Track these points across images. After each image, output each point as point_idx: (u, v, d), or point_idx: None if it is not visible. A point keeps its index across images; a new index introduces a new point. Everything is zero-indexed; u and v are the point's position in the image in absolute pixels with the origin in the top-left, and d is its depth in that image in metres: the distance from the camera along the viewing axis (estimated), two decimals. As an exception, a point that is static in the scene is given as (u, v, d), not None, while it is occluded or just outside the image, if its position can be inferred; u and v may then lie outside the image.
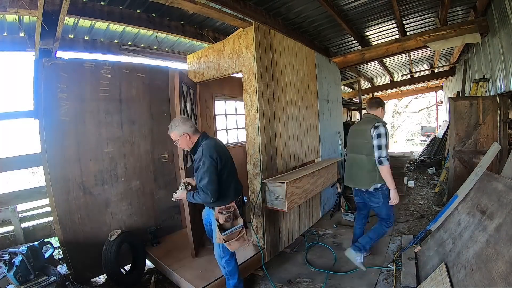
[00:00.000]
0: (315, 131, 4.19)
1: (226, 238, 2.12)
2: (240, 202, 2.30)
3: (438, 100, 12.69)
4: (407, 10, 4.15)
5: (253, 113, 2.94)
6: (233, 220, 2.19)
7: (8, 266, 2.08)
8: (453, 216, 2.68)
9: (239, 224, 2.19)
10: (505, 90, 3.58)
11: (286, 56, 3.44)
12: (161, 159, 3.53)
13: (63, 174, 2.73)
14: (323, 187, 3.72)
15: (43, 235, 3.08)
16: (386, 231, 2.75)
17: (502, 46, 3.51)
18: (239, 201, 2.30)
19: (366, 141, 2.56)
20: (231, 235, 2.14)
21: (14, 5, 2.43)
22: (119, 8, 3.20)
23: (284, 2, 3.56)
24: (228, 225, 2.16)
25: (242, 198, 2.38)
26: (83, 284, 2.69)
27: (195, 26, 4.01)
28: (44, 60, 2.65)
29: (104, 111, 3.04)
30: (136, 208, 3.28)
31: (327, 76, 4.71)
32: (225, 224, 2.16)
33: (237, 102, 5.08)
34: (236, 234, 2.15)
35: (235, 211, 2.21)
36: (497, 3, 3.45)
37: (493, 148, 3.21)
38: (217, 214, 2.17)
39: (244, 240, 2.20)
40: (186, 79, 3.42)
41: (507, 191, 2.04)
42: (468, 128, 4.01)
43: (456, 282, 1.90)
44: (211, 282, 2.46)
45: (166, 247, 3.23)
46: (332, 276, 2.75)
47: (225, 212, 2.16)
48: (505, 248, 1.66)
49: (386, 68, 7.80)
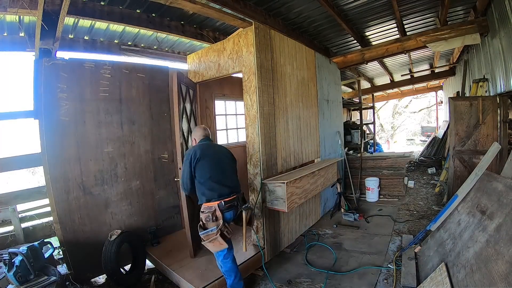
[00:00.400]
0: (315, 131, 4.19)
1: (204, 237, 2.22)
2: (223, 205, 2.27)
3: (438, 100, 12.67)
4: (407, 10, 4.14)
5: (253, 113, 2.94)
6: (214, 221, 2.23)
7: (8, 266, 2.08)
8: (453, 216, 2.68)
9: (213, 227, 2.20)
10: (505, 90, 3.58)
11: (286, 56, 3.44)
12: (161, 159, 3.53)
13: (63, 174, 2.73)
14: (323, 187, 3.73)
15: (43, 235, 3.08)
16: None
17: (502, 46, 3.51)
18: (223, 204, 2.26)
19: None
20: (207, 235, 2.19)
21: (14, 5, 2.43)
22: (119, 8, 3.20)
23: (284, 2, 3.55)
24: (209, 225, 2.23)
25: (235, 202, 2.37)
26: (83, 284, 2.69)
27: (195, 26, 4.01)
28: (44, 60, 2.65)
29: (104, 111, 3.04)
30: (136, 208, 3.28)
31: (327, 76, 4.71)
32: (206, 224, 2.24)
33: (237, 102, 5.08)
34: (211, 235, 2.19)
35: (215, 212, 2.24)
36: (497, 3, 3.44)
37: (493, 148, 3.21)
38: (200, 213, 2.30)
39: (221, 244, 2.21)
40: (185, 79, 3.41)
41: (507, 191, 2.04)
42: (468, 128, 4.01)
43: (456, 282, 1.90)
44: (211, 282, 2.46)
45: (166, 247, 3.23)
46: (332, 276, 2.75)
47: (206, 211, 2.25)
48: (505, 248, 1.66)
49: (386, 68, 7.80)
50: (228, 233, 2.25)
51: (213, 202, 2.25)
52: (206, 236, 2.20)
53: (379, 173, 5.37)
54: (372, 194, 5.09)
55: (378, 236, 3.58)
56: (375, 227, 3.90)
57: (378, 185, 5.14)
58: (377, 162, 5.48)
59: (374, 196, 5.08)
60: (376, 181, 5.13)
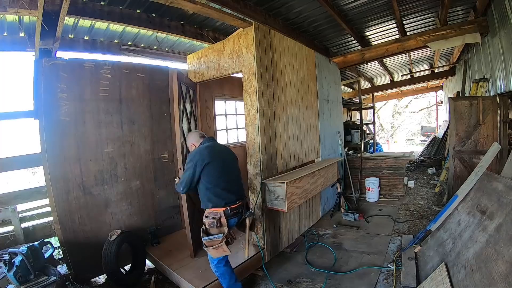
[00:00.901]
0: (315, 131, 4.19)
1: (206, 243, 2.16)
2: (229, 212, 2.23)
3: (438, 100, 12.67)
4: (407, 10, 4.14)
5: (253, 113, 2.94)
6: (218, 228, 2.18)
7: (8, 266, 2.08)
8: (453, 216, 2.68)
9: (220, 233, 2.16)
10: (505, 90, 3.58)
11: (286, 56, 3.44)
12: (161, 159, 3.53)
13: (63, 174, 2.73)
14: (323, 187, 3.73)
15: (43, 235, 3.08)
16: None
17: (502, 46, 3.51)
18: (229, 211, 2.23)
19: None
20: (211, 241, 2.15)
21: (14, 5, 2.43)
22: (119, 8, 3.20)
23: (284, 2, 3.55)
24: (214, 231, 2.18)
25: (240, 209, 2.34)
26: (83, 284, 2.69)
27: (195, 26, 4.01)
28: (44, 60, 2.65)
29: (104, 111, 3.04)
30: (136, 208, 3.28)
31: (327, 76, 4.71)
32: (209, 229, 2.19)
33: (237, 102, 5.08)
34: (216, 242, 2.14)
35: (221, 218, 2.19)
36: (497, 3, 3.44)
37: (493, 148, 3.21)
38: (204, 217, 2.23)
39: (224, 251, 2.17)
40: (185, 79, 3.42)
41: (507, 191, 2.04)
42: (468, 128, 4.01)
43: (456, 282, 1.90)
44: (211, 282, 2.46)
45: (166, 247, 3.23)
46: (332, 276, 2.75)
47: (211, 217, 2.19)
48: (505, 248, 1.66)
49: (386, 68, 7.80)
50: (231, 240, 2.24)
51: (219, 208, 2.20)
52: (210, 242, 2.15)
53: (379, 173, 5.37)
54: (372, 194, 5.09)
55: (378, 236, 3.58)
56: (375, 227, 3.90)
57: (378, 185, 5.14)
58: (377, 162, 5.48)
59: (374, 196, 5.08)
60: (376, 181, 5.13)
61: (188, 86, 3.43)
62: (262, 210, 2.91)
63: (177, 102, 2.89)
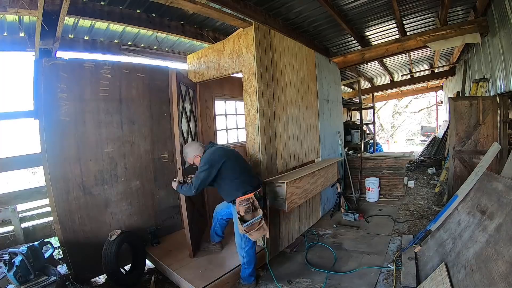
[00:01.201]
0: (315, 131, 4.19)
1: (247, 229, 2.29)
2: (258, 195, 2.43)
3: (438, 100, 12.67)
4: (407, 10, 4.14)
5: (253, 113, 2.94)
6: (253, 212, 2.32)
7: (8, 266, 2.07)
8: (453, 216, 2.68)
9: (259, 215, 2.33)
10: (505, 90, 3.58)
11: (286, 56, 3.44)
12: (161, 159, 3.53)
13: (63, 174, 2.73)
14: (323, 187, 3.73)
15: (43, 235, 3.08)
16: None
17: (502, 46, 3.51)
18: (258, 194, 2.42)
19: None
20: (252, 226, 2.29)
21: (14, 5, 2.43)
22: (119, 8, 3.20)
23: (284, 2, 3.55)
24: (248, 217, 2.32)
25: (263, 191, 2.55)
26: (83, 284, 2.69)
27: (195, 26, 4.01)
28: (44, 60, 2.65)
29: (104, 111, 3.04)
30: (136, 208, 3.28)
31: (327, 76, 4.71)
32: (245, 216, 2.31)
33: (237, 102, 5.08)
34: (256, 224, 2.30)
35: (254, 202, 2.34)
36: (497, 3, 3.44)
37: (493, 148, 3.21)
38: (238, 207, 2.35)
39: (264, 230, 2.35)
40: (185, 79, 3.41)
41: (507, 191, 2.04)
42: (468, 128, 4.01)
43: (456, 282, 1.90)
44: (211, 282, 2.46)
45: (166, 247, 3.23)
46: (332, 276, 2.75)
47: (245, 204, 2.32)
48: (505, 248, 1.66)
49: (386, 68, 7.80)
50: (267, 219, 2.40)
51: (249, 193, 2.35)
52: (250, 227, 2.28)
53: (379, 173, 5.37)
54: (372, 194, 5.09)
55: (378, 236, 3.58)
56: (375, 227, 3.90)
57: (378, 185, 5.14)
58: (377, 162, 5.48)
59: (374, 196, 5.08)
60: (376, 181, 5.13)
61: (188, 86, 3.43)
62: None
63: (176, 102, 2.88)
